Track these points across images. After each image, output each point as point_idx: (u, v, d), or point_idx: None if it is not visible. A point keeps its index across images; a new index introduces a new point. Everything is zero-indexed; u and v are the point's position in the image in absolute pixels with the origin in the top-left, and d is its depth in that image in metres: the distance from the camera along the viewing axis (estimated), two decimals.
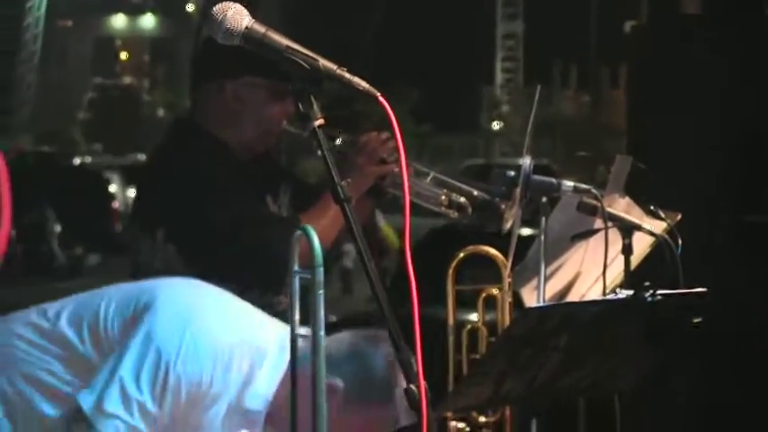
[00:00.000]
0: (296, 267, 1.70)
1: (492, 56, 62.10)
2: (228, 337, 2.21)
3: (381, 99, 1.76)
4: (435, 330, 2.98)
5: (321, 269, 1.61)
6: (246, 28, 1.87)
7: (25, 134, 40.03)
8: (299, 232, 1.70)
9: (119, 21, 65.39)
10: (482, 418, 3.27)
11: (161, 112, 55.34)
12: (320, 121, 1.79)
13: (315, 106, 1.82)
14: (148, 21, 64.72)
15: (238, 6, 1.91)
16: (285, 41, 1.88)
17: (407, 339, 1.75)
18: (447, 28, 55.08)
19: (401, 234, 2.29)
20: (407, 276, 1.69)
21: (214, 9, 1.90)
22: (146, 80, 66.53)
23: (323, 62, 1.85)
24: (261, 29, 1.86)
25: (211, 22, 1.90)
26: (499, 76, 62.68)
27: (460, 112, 52.56)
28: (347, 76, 1.84)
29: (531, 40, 59.51)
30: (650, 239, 2.84)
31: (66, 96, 54.64)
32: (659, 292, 2.38)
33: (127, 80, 65.29)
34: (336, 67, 1.82)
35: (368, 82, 1.81)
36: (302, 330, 1.80)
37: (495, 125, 54.30)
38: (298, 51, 1.86)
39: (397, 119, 1.70)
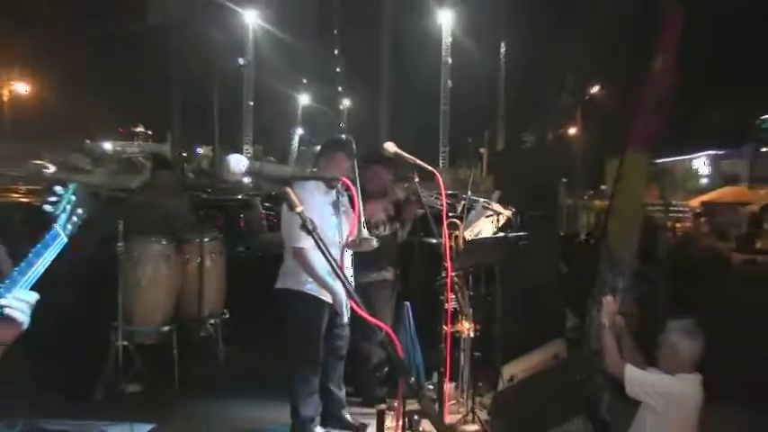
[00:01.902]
0: None
1: None
2: None
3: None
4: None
5: None
6: (243, 170, 2.81)
7: None
8: None
9: None
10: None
11: None
12: None
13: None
14: None
15: (237, 156, 2.86)
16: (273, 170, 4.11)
17: None
18: None
19: None
20: None
21: (226, 159, 2.84)
22: None
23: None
24: (255, 168, 3.86)
25: (223, 171, 2.88)
26: None
27: None
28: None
29: None
30: (505, 217, 6.32)
31: None
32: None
33: None
34: None
35: None
36: None
37: None
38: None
39: None
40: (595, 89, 24.95)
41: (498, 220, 6.23)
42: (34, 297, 2.41)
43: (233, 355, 7.49)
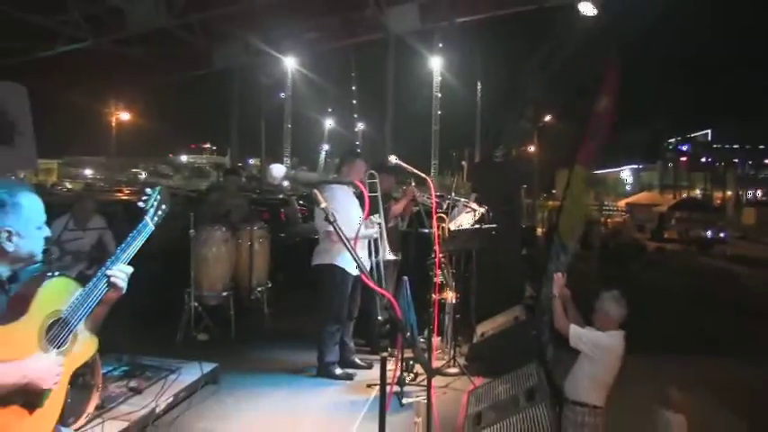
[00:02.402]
0: None
1: None
2: None
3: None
4: None
5: None
6: (282, 175, 2.79)
7: None
8: None
9: None
10: None
11: None
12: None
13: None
14: None
15: (278, 165, 2.84)
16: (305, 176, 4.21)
17: None
18: None
19: None
20: None
21: (269, 167, 2.84)
22: None
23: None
24: (291, 174, 3.02)
25: (267, 176, 3.34)
26: None
27: None
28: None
29: None
30: (480, 213, 6.38)
31: None
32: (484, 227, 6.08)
33: None
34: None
35: None
36: None
37: None
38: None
39: None
40: (548, 118, 24.98)
41: (475, 215, 6.23)
42: (130, 270, 2.47)
43: (275, 315, 7.51)
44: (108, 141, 38.71)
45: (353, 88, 48.59)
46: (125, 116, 37.29)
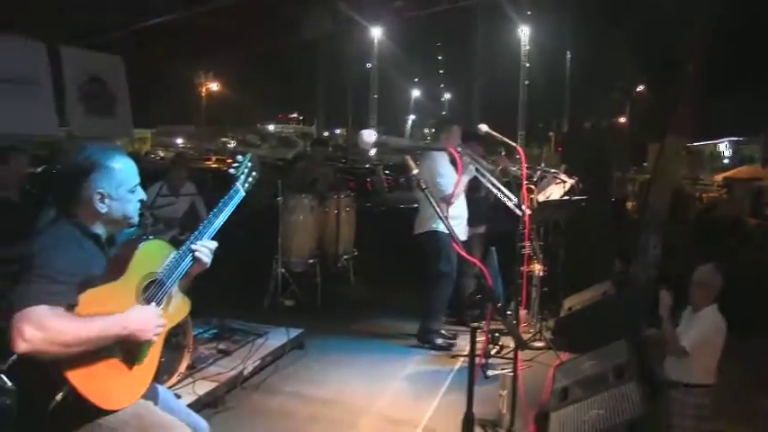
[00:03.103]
0: None
1: None
2: None
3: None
4: None
5: None
6: (373, 141, 2.81)
7: None
8: None
9: None
10: None
11: None
12: None
13: None
14: None
15: (368, 131, 2.85)
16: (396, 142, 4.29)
17: None
18: None
19: None
20: None
21: (360, 133, 2.82)
22: None
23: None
24: (381, 140, 3.27)
25: (358, 142, 2.83)
26: None
27: None
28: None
29: None
30: (569, 184, 6.02)
31: None
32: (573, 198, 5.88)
33: None
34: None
35: None
36: None
37: None
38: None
39: None
40: (640, 88, 24.01)
41: (564, 187, 6.02)
42: (215, 245, 2.52)
43: (360, 283, 7.57)
44: (198, 111, 39.82)
45: (440, 58, 48.22)
46: (214, 86, 38.21)
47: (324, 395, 4.64)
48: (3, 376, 3.89)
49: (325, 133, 41.51)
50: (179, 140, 51.13)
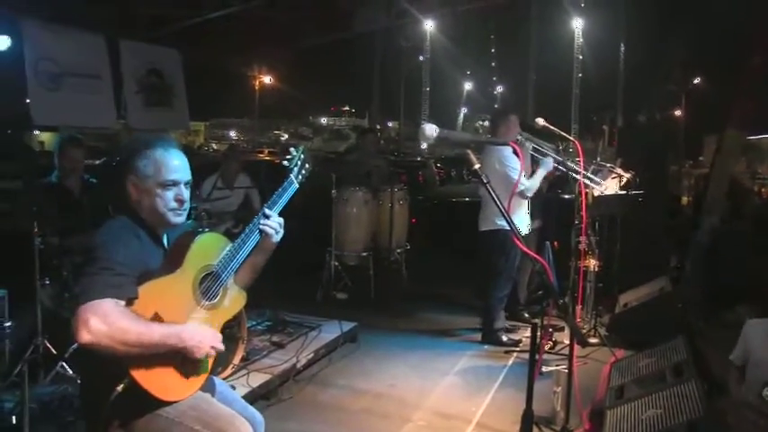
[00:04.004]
0: None
1: None
2: None
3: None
4: None
5: None
6: (435, 135, 2.78)
7: None
8: None
9: None
10: None
11: None
12: None
13: None
14: None
15: (431, 125, 2.80)
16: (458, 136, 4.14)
17: None
18: None
19: None
20: None
21: (422, 127, 2.81)
22: None
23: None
24: (443, 134, 2.74)
25: (419, 136, 3.14)
26: None
27: None
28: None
29: None
30: (626, 178, 5.86)
31: None
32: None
33: None
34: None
35: None
36: None
37: None
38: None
39: None
40: (697, 80, 23.34)
41: (620, 181, 5.86)
42: (282, 220, 2.53)
43: (413, 277, 7.49)
44: (251, 104, 40.27)
45: (492, 50, 47.73)
46: (268, 80, 38.56)
47: (376, 389, 4.62)
48: (64, 364, 4.03)
49: (378, 126, 41.51)
50: (232, 133, 51.90)
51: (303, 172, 2.69)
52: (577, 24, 32.27)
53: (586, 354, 5.29)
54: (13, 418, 3.39)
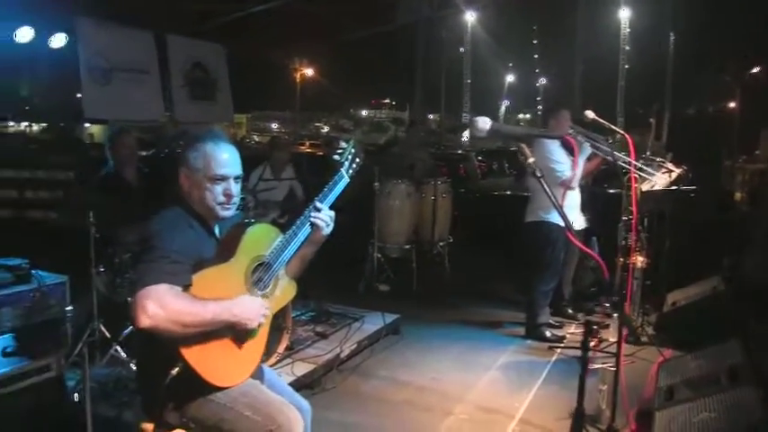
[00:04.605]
0: None
1: None
2: None
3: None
4: None
5: None
6: (488, 128, 2.80)
7: None
8: None
9: None
10: None
11: None
12: None
13: None
14: None
15: (483, 118, 2.82)
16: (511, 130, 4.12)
17: None
18: None
19: None
20: None
21: (474, 120, 2.83)
22: None
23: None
24: (495, 127, 2.75)
25: (471, 128, 3.68)
26: None
27: None
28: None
29: None
30: (676, 173, 5.88)
31: None
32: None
33: None
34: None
35: None
36: None
37: None
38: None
39: None
40: (755, 70, 22.62)
41: (671, 176, 5.77)
42: (332, 213, 2.58)
43: (455, 270, 7.51)
44: (292, 96, 40.53)
45: (535, 42, 47.24)
46: (308, 72, 38.76)
47: (419, 381, 4.64)
48: (118, 347, 4.17)
49: (417, 118, 41.48)
50: (273, 125, 52.32)
51: (354, 166, 2.74)
52: (624, 14, 31.76)
53: (632, 352, 5.23)
54: (75, 395, 3.57)
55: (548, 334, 5.57)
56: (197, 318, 2.11)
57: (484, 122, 2.71)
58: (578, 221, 5.60)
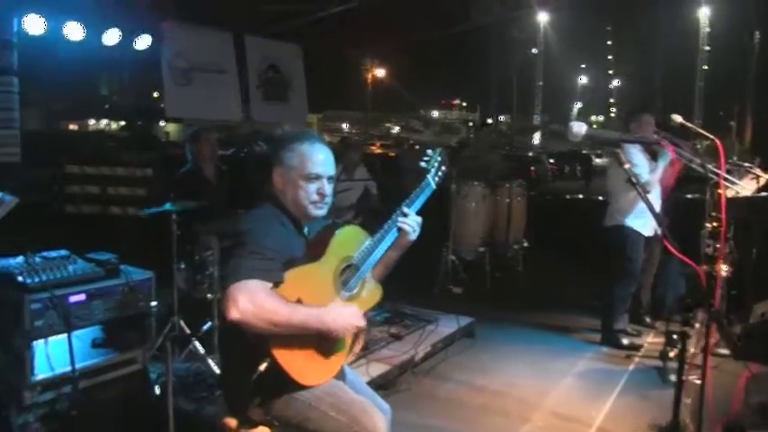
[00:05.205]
0: None
1: None
2: None
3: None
4: None
5: None
6: (583, 132, 2.79)
7: None
8: None
9: None
10: None
11: None
12: None
13: None
14: None
15: (579, 123, 2.81)
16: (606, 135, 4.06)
17: None
18: None
19: None
20: None
21: (570, 124, 2.80)
22: None
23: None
24: (590, 132, 2.75)
25: (569, 134, 2.80)
26: None
27: None
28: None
29: None
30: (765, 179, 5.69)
31: None
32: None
33: None
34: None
35: None
36: None
37: None
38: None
39: None
40: None
41: (759, 182, 5.54)
42: (419, 219, 2.62)
43: (530, 274, 7.45)
44: (363, 97, 40.81)
45: (609, 43, 46.27)
46: (379, 73, 38.95)
47: (494, 386, 4.59)
48: (196, 343, 4.27)
49: (489, 120, 41.15)
50: (344, 125, 52.85)
51: (440, 173, 2.76)
52: (703, 14, 30.75)
53: (716, 365, 5.04)
54: (156, 388, 3.66)
55: (624, 341, 5.42)
56: (284, 319, 2.13)
57: (579, 127, 2.67)
58: (652, 227, 5.41)
